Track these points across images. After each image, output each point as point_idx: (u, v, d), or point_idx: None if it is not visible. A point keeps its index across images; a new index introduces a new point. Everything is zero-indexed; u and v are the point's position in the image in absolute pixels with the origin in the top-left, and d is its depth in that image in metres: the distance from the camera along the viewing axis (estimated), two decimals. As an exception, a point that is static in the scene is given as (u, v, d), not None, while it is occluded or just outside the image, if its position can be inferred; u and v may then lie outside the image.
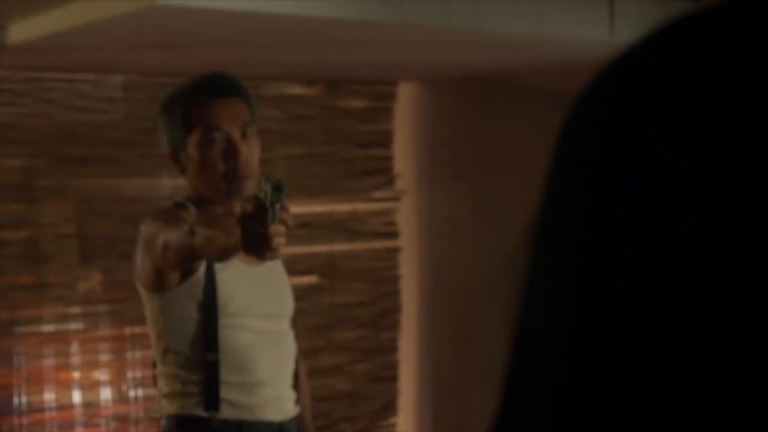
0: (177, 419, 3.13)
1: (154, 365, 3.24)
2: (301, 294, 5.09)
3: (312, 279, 5.81)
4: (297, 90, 5.73)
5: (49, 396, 5.13)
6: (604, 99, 0.60)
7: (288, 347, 3.27)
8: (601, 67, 0.61)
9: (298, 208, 5.14)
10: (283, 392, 3.23)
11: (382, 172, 6.01)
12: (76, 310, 5.21)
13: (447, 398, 6.03)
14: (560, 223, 0.61)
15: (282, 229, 2.39)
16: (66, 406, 5.15)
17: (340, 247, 5.90)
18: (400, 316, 6.09)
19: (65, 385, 5.18)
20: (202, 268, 3.05)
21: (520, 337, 0.63)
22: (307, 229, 5.72)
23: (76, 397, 5.21)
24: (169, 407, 3.16)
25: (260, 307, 3.17)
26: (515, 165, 5.42)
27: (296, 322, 3.41)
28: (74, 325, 5.23)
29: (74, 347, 5.17)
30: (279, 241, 2.39)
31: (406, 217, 6.05)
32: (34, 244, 5.07)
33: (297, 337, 3.37)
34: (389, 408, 6.07)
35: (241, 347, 3.11)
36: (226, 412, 3.10)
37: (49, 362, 5.12)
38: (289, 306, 3.32)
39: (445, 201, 5.95)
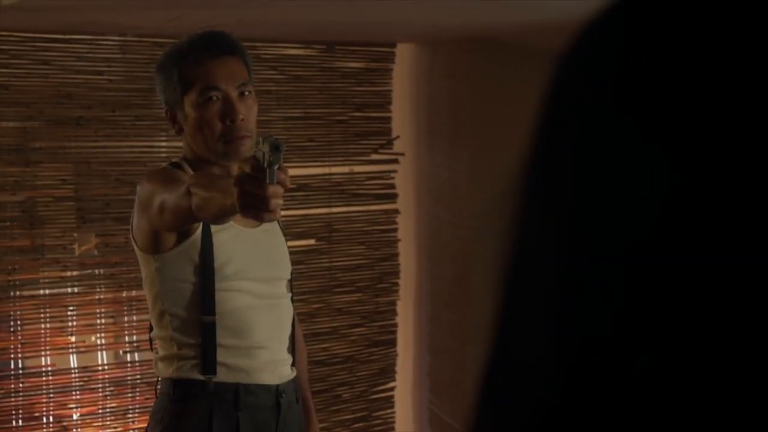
0: (173, 382, 3.12)
1: (151, 329, 3.22)
2: (298, 257, 5.10)
3: (310, 242, 5.80)
4: (295, 51, 5.70)
5: (45, 360, 5.13)
6: (581, 61, 0.61)
7: (285, 310, 3.26)
8: (582, 26, 0.62)
9: (295, 171, 5.12)
10: (280, 356, 3.21)
11: (380, 134, 5.99)
12: (72, 273, 5.19)
13: (445, 362, 6.03)
14: (546, 180, 0.61)
15: (280, 190, 2.36)
16: (62, 370, 5.15)
17: (338, 209, 5.89)
18: (399, 280, 6.08)
19: (62, 349, 5.17)
20: (198, 230, 3.03)
21: (510, 291, 0.63)
22: (304, 191, 5.71)
23: (73, 360, 5.20)
24: (165, 370, 3.14)
25: (257, 270, 3.15)
26: (513, 126, 5.38)
27: (293, 286, 3.39)
28: (71, 289, 5.22)
29: (71, 311, 5.16)
30: (277, 202, 2.36)
31: (404, 179, 6.03)
32: (31, 207, 5.05)
33: (294, 301, 3.35)
34: (387, 372, 6.07)
35: (238, 310, 3.09)
36: (222, 376, 3.08)
37: (45, 326, 5.11)
38: (286, 269, 3.30)
39: (443, 163, 5.94)
